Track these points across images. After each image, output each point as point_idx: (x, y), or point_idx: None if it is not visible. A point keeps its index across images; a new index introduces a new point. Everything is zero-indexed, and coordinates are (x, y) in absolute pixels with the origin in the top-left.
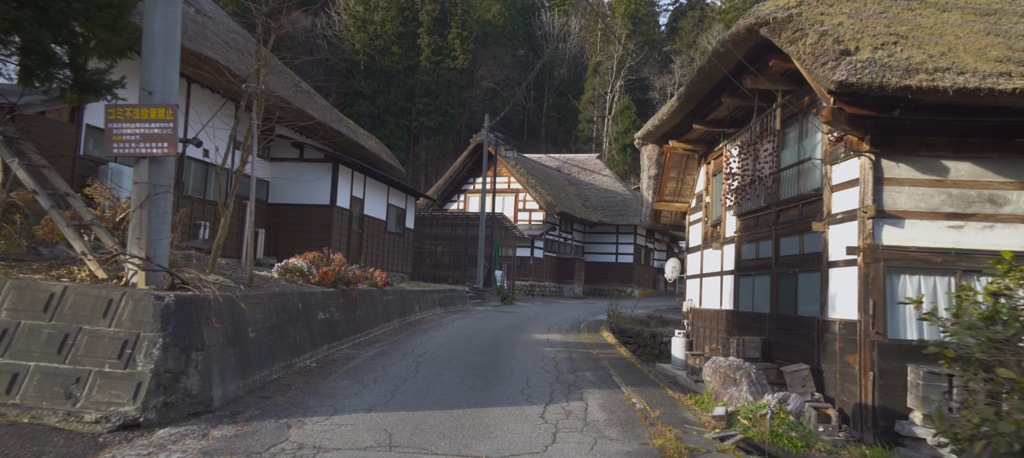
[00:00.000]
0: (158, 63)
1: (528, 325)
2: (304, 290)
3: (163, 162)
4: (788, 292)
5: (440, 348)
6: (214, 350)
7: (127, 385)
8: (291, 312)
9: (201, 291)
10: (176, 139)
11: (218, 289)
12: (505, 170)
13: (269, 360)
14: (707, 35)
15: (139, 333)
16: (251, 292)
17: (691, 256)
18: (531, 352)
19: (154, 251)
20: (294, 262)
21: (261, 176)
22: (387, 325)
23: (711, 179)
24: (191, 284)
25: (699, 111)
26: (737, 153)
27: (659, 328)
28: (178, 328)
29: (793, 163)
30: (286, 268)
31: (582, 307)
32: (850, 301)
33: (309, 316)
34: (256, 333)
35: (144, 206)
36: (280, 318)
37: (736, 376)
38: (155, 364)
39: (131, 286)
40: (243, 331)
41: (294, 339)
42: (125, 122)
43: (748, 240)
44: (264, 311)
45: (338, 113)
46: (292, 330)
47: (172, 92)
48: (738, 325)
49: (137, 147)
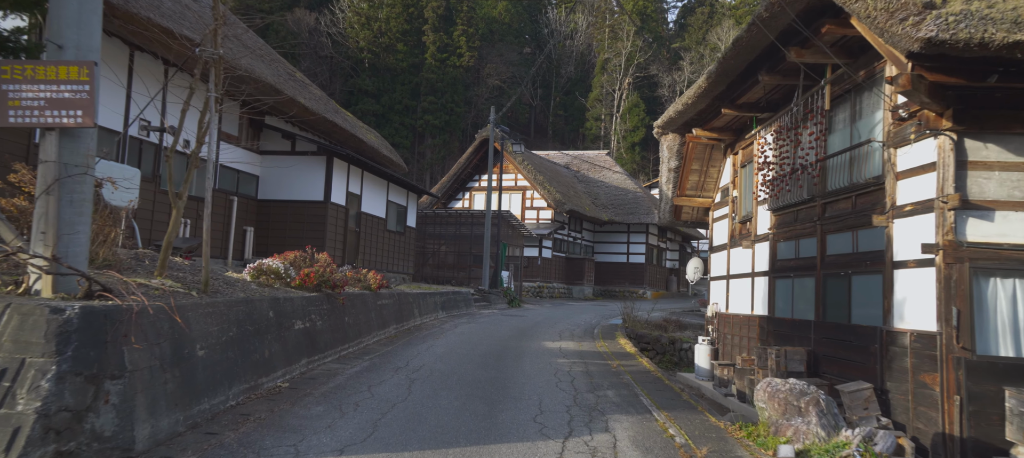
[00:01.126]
0: (71, 8)
1: (537, 331)
2: (278, 296)
3: (78, 135)
4: (838, 297)
5: (439, 360)
6: (139, 376)
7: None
8: (259, 322)
9: (124, 301)
10: (94, 106)
11: (158, 297)
12: (512, 167)
13: (225, 383)
14: (717, 31)
15: (24, 359)
16: (205, 300)
17: (715, 256)
18: (542, 365)
19: (66, 249)
20: (269, 263)
21: (250, 170)
22: (381, 332)
23: (739, 171)
24: (115, 291)
25: (730, 93)
26: (772, 140)
27: (677, 333)
28: (82, 350)
29: (844, 148)
30: (260, 269)
31: (593, 310)
32: (925, 309)
33: (283, 326)
34: (207, 350)
35: (52, 192)
36: (243, 330)
37: (801, 404)
38: (44, 401)
39: (33, 294)
40: (187, 349)
41: (262, 355)
42: (25, 84)
43: (785, 237)
44: (221, 322)
45: (335, 104)
46: (259, 344)
47: (90, 46)
48: (774, 333)
49: (42, 116)
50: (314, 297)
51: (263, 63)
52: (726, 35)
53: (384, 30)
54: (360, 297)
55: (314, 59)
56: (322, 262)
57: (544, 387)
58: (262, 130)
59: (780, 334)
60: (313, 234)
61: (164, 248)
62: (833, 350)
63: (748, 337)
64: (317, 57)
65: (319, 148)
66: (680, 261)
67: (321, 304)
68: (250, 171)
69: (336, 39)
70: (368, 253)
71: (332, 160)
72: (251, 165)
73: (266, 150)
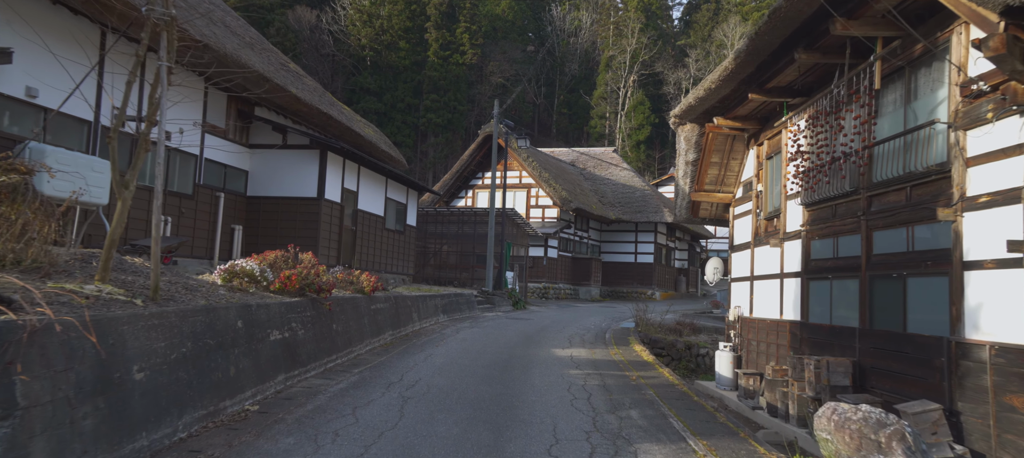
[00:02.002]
0: None
1: (545, 336)
2: (250, 302)
3: None
4: (890, 301)
5: (438, 373)
6: (38, 413)
7: None
8: (223, 334)
9: (20, 316)
10: None
11: (83, 307)
12: (516, 164)
13: (173, 411)
14: (723, 28)
15: None
16: (150, 310)
17: (737, 256)
18: (554, 377)
19: None
20: (243, 264)
21: (238, 165)
22: (375, 340)
23: (764, 163)
24: (16, 303)
25: (759, 75)
26: (806, 127)
27: (692, 337)
28: None
29: (897, 133)
30: (232, 272)
31: (602, 312)
32: (1011, 318)
33: (255, 338)
34: (149, 372)
35: None
36: (201, 345)
37: (881, 438)
38: None
39: None
40: (119, 372)
41: (226, 373)
42: None
43: (821, 235)
44: (170, 337)
45: (331, 97)
46: (222, 360)
47: None
48: (809, 341)
49: None
50: (296, 303)
51: (252, 51)
52: (732, 31)
53: (386, 27)
54: (351, 301)
55: (315, 57)
56: (306, 263)
57: (558, 406)
58: (251, 122)
59: (816, 342)
60: (306, 233)
61: (107, 246)
62: (884, 362)
63: (777, 344)
64: (318, 55)
65: (312, 141)
66: (689, 261)
67: (304, 311)
68: (238, 166)
69: (337, 37)
70: (365, 253)
71: (326, 154)
72: (240, 159)
73: (256, 144)
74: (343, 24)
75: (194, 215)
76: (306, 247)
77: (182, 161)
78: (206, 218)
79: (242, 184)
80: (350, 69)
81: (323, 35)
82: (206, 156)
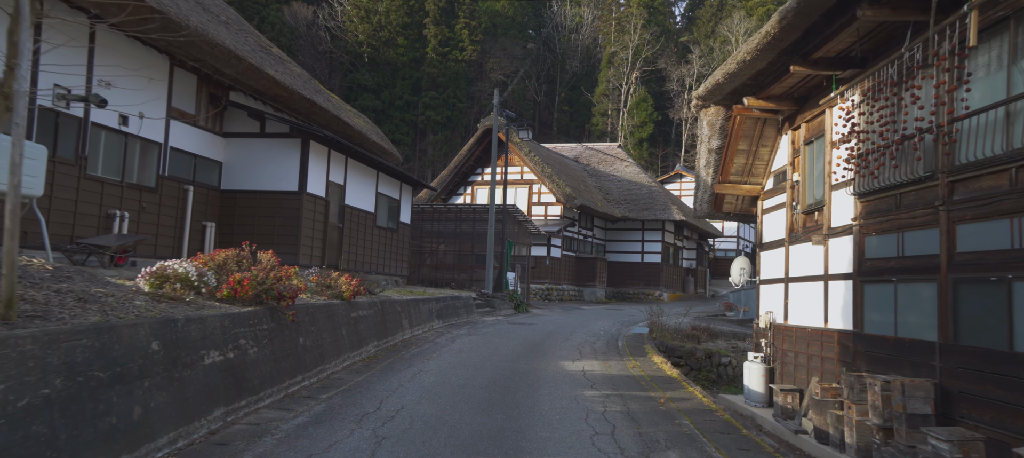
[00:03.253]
0: None
1: (552, 345)
2: (175, 316)
3: None
4: (985, 311)
5: (425, 397)
6: None
7: None
8: (125, 362)
9: None
10: None
11: None
12: (517, 159)
13: None
14: (727, 24)
15: None
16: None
17: (767, 254)
18: (566, 401)
19: None
20: (175, 266)
21: (211, 155)
22: (356, 353)
23: (802, 149)
24: None
25: (804, 44)
26: (862, 102)
27: (710, 343)
28: None
29: (997, 101)
30: (162, 275)
31: (609, 315)
32: None
33: (180, 363)
34: None
35: None
36: (79, 382)
37: None
38: None
39: None
40: None
41: (125, 416)
42: None
43: (880, 229)
44: (20, 374)
45: (317, 84)
46: (119, 399)
47: None
48: (865, 355)
49: None
50: (248, 314)
51: (226, 30)
52: (737, 27)
53: (384, 23)
54: (326, 309)
55: (312, 54)
56: (265, 263)
57: (576, 448)
58: (226, 109)
59: (876, 357)
60: (286, 230)
61: None
62: (981, 387)
63: (821, 357)
64: (315, 52)
65: (292, 128)
66: (698, 261)
67: (259, 323)
68: (211, 156)
69: (334, 33)
70: (353, 252)
71: (308, 143)
72: (212, 149)
73: (231, 132)
74: (340, 20)
75: (158, 210)
76: (287, 246)
77: (143, 149)
78: (173, 213)
79: (215, 176)
80: (347, 66)
81: (320, 31)
82: (173, 144)
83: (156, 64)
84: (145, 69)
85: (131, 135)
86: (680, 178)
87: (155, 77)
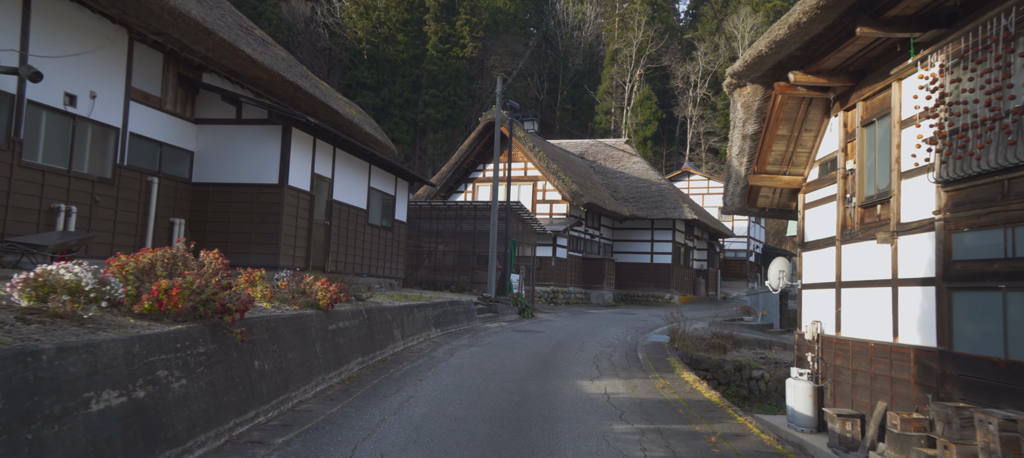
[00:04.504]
0: None
1: (564, 358)
2: (40, 348)
3: None
4: None
5: (414, 438)
6: None
7: None
8: None
9: None
10: None
11: None
12: (521, 154)
13: None
14: (732, 20)
15: None
16: None
17: (811, 255)
18: (593, 443)
19: None
20: (60, 272)
21: (180, 144)
22: (332, 375)
23: (859, 132)
24: None
25: (874, 1)
26: (951, 69)
27: (735, 352)
28: None
29: None
30: (43, 283)
31: (621, 320)
32: None
33: (38, 416)
34: None
35: None
36: None
37: None
38: None
39: None
40: None
41: None
42: None
43: (976, 224)
44: None
45: (304, 69)
46: None
47: None
48: (958, 380)
49: None
50: (174, 334)
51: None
52: (742, 23)
53: (383, 20)
54: (294, 322)
55: (311, 51)
56: (207, 266)
57: None
58: (198, 92)
59: (974, 383)
60: (265, 227)
61: None
62: None
63: (889, 378)
64: (314, 49)
65: (272, 114)
66: (709, 262)
67: (192, 346)
68: (180, 144)
69: (333, 30)
70: (342, 253)
71: (290, 130)
72: (181, 137)
73: (204, 118)
74: (339, 17)
75: (115, 204)
76: (266, 246)
77: (97, 135)
78: (133, 208)
79: (185, 167)
80: (346, 63)
81: (318, 28)
82: (133, 130)
83: (110, 35)
84: (94, 39)
85: (81, 118)
86: (688, 176)
87: (110, 51)
